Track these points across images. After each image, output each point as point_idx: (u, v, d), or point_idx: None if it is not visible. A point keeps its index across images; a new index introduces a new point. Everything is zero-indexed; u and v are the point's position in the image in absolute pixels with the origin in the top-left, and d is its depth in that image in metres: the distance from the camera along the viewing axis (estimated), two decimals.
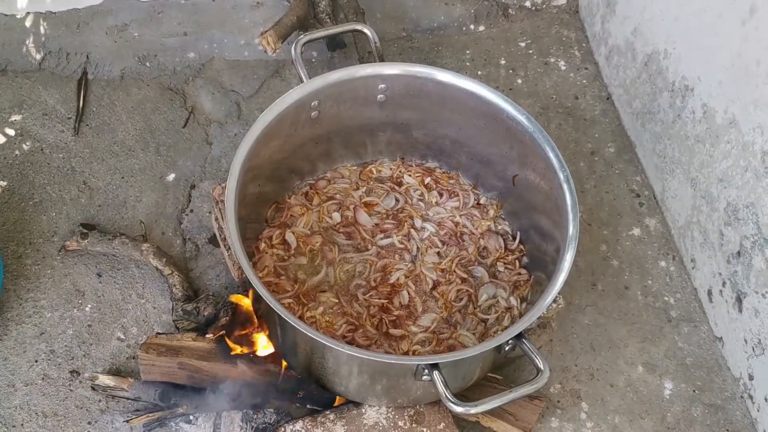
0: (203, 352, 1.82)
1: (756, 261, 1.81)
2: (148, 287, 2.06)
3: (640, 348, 2.02)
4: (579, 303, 2.09)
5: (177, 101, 2.45)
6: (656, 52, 2.21)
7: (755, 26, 1.76)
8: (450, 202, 2.04)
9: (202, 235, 2.17)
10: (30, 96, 2.40)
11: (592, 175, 2.34)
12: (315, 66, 2.52)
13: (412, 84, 1.89)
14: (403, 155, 2.13)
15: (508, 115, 1.82)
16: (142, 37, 2.49)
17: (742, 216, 1.85)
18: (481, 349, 1.51)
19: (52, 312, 2.00)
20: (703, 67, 1.99)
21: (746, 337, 1.89)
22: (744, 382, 1.94)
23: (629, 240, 2.22)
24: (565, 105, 2.51)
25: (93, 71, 2.47)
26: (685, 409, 1.93)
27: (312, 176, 2.08)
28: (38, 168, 2.25)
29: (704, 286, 2.08)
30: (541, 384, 1.45)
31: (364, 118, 1.99)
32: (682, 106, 2.09)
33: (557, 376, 1.97)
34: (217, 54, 2.53)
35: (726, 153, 1.91)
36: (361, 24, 2.01)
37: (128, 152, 2.32)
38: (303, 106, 1.83)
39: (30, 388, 1.89)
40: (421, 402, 1.73)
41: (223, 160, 2.32)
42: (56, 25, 2.45)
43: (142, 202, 2.22)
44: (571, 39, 2.69)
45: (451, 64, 2.58)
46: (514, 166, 1.93)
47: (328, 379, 1.69)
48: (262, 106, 2.41)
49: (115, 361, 1.94)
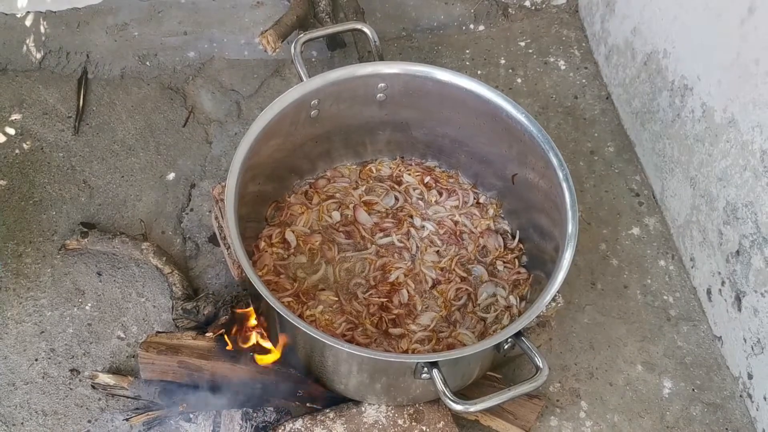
0: (203, 351, 1.82)
1: (755, 260, 1.82)
2: (148, 286, 2.06)
3: (640, 347, 2.03)
4: (578, 302, 2.10)
5: (177, 100, 2.45)
6: (655, 51, 2.21)
7: (754, 26, 1.76)
8: (449, 201, 2.04)
9: (202, 233, 2.17)
10: (30, 95, 2.40)
11: (591, 175, 2.34)
12: (315, 65, 2.52)
13: (412, 83, 1.89)
14: (403, 154, 2.14)
15: (507, 114, 1.82)
16: (143, 37, 2.50)
17: (741, 215, 1.86)
18: (480, 348, 1.51)
19: (53, 310, 2.00)
20: (703, 66, 1.99)
21: (745, 336, 1.89)
22: (743, 381, 1.94)
23: (629, 239, 2.22)
24: (564, 104, 2.51)
25: (93, 70, 2.47)
26: (684, 408, 1.94)
27: (312, 175, 2.08)
28: (38, 167, 2.25)
29: (703, 285, 2.08)
30: (540, 382, 1.45)
31: (363, 117, 1.99)
32: (681, 106, 2.09)
33: (556, 374, 1.97)
34: (217, 53, 2.54)
35: (725, 152, 1.91)
36: (361, 23, 2.01)
37: (128, 151, 2.32)
38: (303, 105, 1.83)
39: (30, 386, 1.89)
40: (420, 400, 1.73)
41: (222, 159, 2.32)
42: (56, 24, 2.46)
43: (142, 201, 2.22)
44: (571, 38, 2.69)
45: (451, 64, 2.59)
46: (514, 165, 1.93)
47: (327, 378, 1.70)
48: (262, 106, 2.41)
49: (115, 359, 1.95)
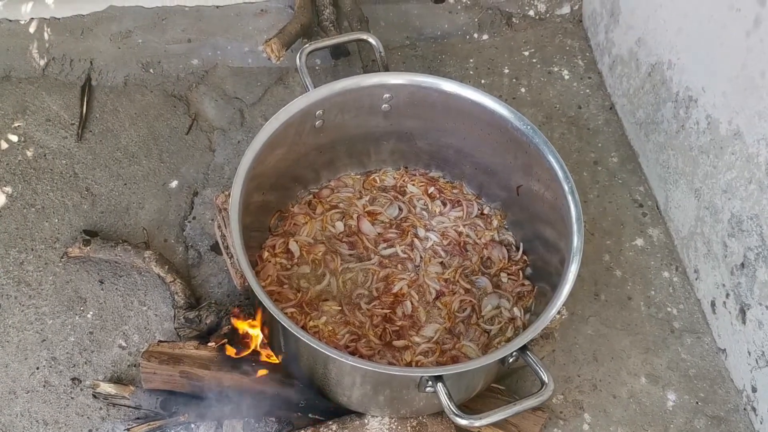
0: (205, 361, 1.82)
1: (760, 273, 1.81)
2: (150, 294, 2.06)
3: (643, 359, 2.02)
4: (582, 313, 2.09)
5: (180, 108, 2.45)
6: (660, 62, 2.21)
7: (760, 38, 1.76)
8: (453, 211, 2.04)
9: (205, 242, 2.17)
10: (33, 102, 2.40)
11: (595, 185, 2.34)
12: (318, 73, 2.52)
13: (417, 94, 1.89)
14: (407, 164, 2.14)
15: (512, 125, 1.82)
16: (146, 44, 2.50)
17: (746, 227, 1.85)
18: (485, 362, 1.51)
19: (54, 319, 2.00)
20: (708, 78, 1.99)
21: (750, 349, 1.89)
22: (747, 394, 1.93)
23: (632, 250, 2.21)
24: (568, 114, 2.51)
25: (96, 77, 2.47)
26: (688, 421, 1.93)
27: (316, 185, 2.08)
28: (41, 174, 2.25)
29: (707, 298, 2.07)
30: (545, 397, 1.44)
31: (368, 128, 1.99)
32: (686, 117, 2.09)
33: (560, 386, 1.96)
34: (220, 61, 2.54)
35: (730, 164, 1.90)
36: (366, 33, 2.01)
37: (131, 159, 2.31)
38: (308, 115, 1.83)
39: (31, 395, 1.88)
40: (424, 413, 1.72)
41: (225, 167, 2.32)
42: (60, 32, 2.46)
43: (145, 208, 2.22)
44: (575, 48, 2.69)
45: (455, 73, 2.58)
46: (519, 177, 1.92)
47: (330, 389, 1.69)
48: (266, 114, 2.41)
49: (117, 368, 1.94)
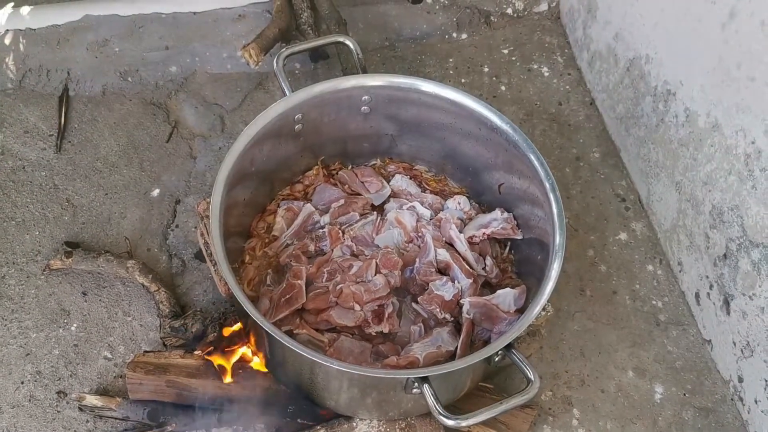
0: (192, 369, 1.81)
1: (742, 263, 1.82)
2: (134, 305, 2.04)
3: (630, 353, 2.03)
4: (568, 309, 2.09)
5: (160, 116, 2.43)
6: (638, 57, 2.22)
7: (735, 30, 1.77)
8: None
9: (188, 250, 2.15)
10: (11, 114, 2.38)
11: (577, 181, 2.35)
12: (298, 77, 2.51)
13: (396, 95, 1.89)
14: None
15: (492, 124, 1.82)
16: (124, 52, 2.48)
17: (727, 219, 1.86)
18: (470, 361, 1.51)
19: (38, 332, 1.98)
20: (685, 71, 2.00)
21: (735, 339, 1.90)
22: (734, 385, 1.94)
23: (616, 245, 2.22)
24: (549, 111, 2.51)
25: (74, 87, 2.45)
26: (676, 413, 1.93)
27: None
28: (20, 187, 2.23)
29: (692, 289, 2.08)
30: (531, 395, 1.45)
31: (348, 130, 1.99)
32: (665, 111, 2.10)
33: (548, 383, 1.97)
34: (199, 67, 2.52)
35: (709, 156, 1.91)
36: (344, 36, 2.01)
37: (111, 168, 2.30)
38: (287, 119, 1.83)
39: (17, 410, 1.86)
40: (412, 414, 1.72)
41: (207, 174, 2.30)
42: (36, 42, 2.43)
43: (127, 218, 2.20)
44: (554, 45, 2.70)
45: (435, 73, 2.58)
46: (500, 175, 1.93)
47: (318, 394, 1.68)
48: (246, 119, 2.40)
49: (103, 380, 1.92)
